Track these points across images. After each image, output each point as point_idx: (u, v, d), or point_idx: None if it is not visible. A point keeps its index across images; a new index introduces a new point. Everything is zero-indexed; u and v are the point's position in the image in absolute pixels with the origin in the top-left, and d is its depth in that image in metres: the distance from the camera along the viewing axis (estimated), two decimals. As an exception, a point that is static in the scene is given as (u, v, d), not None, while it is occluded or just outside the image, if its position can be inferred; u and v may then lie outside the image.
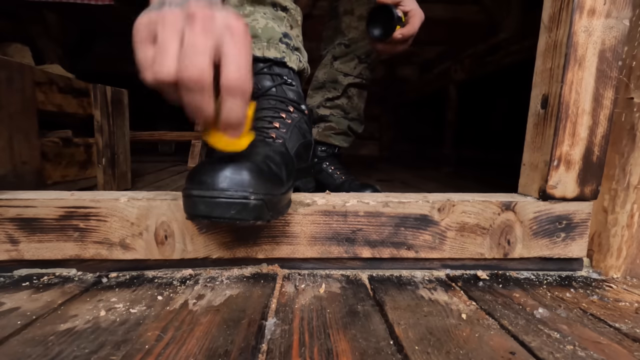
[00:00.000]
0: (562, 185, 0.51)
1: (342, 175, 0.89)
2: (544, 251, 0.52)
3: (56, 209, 0.48)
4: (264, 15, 0.51)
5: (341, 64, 0.90)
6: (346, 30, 0.88)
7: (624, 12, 0.47)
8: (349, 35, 0.88)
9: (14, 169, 0.65)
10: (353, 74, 0.90)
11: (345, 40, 0.88)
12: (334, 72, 0.91)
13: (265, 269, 0.52)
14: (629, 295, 0.47)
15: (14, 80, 0.66)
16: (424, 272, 0.53)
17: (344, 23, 0.87)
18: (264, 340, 0.34)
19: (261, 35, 0.51)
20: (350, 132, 0.98)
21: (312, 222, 0.51)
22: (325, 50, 0.95)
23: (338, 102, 0.94)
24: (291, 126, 0.52)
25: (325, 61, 0.93)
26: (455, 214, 0.51)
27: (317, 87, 0.95)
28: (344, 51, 0.89)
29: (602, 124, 0.50)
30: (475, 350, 0.33)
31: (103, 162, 0.91)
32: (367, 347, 0.33)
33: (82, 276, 0.49)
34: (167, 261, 0.51)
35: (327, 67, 0.92)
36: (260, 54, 0.51)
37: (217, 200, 0.34)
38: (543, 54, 0.53)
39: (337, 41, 0.90)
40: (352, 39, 0.88)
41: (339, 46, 0.89)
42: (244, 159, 0.38)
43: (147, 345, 0.33)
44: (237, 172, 0.35)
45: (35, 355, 0.31)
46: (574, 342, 0.35)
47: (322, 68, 0.94)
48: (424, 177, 1.50)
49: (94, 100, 0.88)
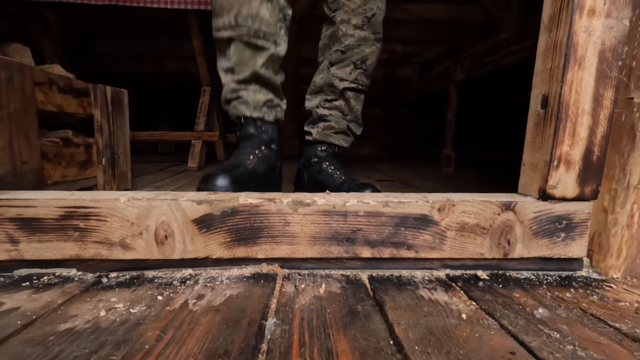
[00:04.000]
0: (562, 185, 0.51)
1: (342, 175, 0.90)
2: (544, 251, 0.52)
3: (56, 209, 0.48)
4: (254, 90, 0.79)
5: (337, 70, 0.92)
6: (342, 37, 0.90)
7: (624, 12, 0.47)
8: (345, 42, 0.90)
9: (14, 169, 0.65)
10: (349, 79, 0.92)
11: (342, 47, 0.91)
12: (331, 77, 0.93)
13: (265, 269, 0.52)
14: (629, 295, 0.47)
15: (14, 80, 0.66)
16: (424, 272, 0.53)
17: (340, 31, 0.90)
18: (264, 340, 0.34)
19: (250, 102, 0.79)
20: (350, 132, 0.99)
21: (312, 222, 0.51)
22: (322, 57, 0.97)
23: (336, 104, 0.96)
24: (262, 158, 0.79)
25: (322, 67, 0.96)
26: (455, 214, 0.51)
27: (315, 92, 0.98)
28: (340, 57, 0.91)
29: (602, 124, 0.50)
30: (475, 350, 0.33)
31: (103, 162, 0.91)
32: (367, 347, 0.33)
33: (82, 276, 0.49)
34: (167, 261, 0.51)
35: (324, 73, 0.95)
36: (249, 114, 0.80)
37: None
38: (543, 54, 0.53)
39: (334, 48, 0.92)
40: (347, 46, 0.90)
41: (335, 53, 0.92)
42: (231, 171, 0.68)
43: (147, 345, 0.33)
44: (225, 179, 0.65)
45: (35, 355, 0.31)
46: (574, 342, 0.35)
47: (319, 73, 0.96)
48: (424, 177, 1.50)
49: (94, 100, 0.88)
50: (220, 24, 0.74)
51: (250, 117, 0.79)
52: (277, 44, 0.77)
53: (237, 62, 0.75)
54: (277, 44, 0.77)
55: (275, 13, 0.75)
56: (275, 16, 0.75)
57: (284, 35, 0.79)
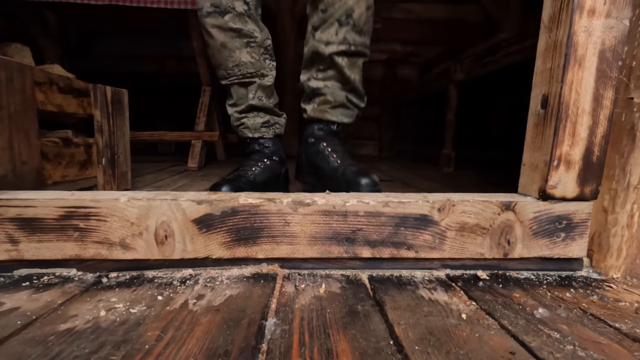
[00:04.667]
0: (562, 185, 0.51)
1: (338, 158, 0.83)
2: (544, 251, 0.52)
3: (56, 209, 0.48)
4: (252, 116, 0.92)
5: (321, 33, 0.81)
6: None
7: (624, 12, 0.47)
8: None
9: (14, 169, 0.65)
10: (335, 41, 0.80)
11: (322, 6, 0.80)
12: (316, 44, 0.82)
13: (265, 269, 0.52)
14: (629, 295, 0.47)
15: (14, 80, 0.66)
16: (424, 272, 0.53)
17: None
18: (264, 340, 0.34)
19: (250, 126, 0.92)
20: (351, 105, 0.88)
21: (312, 222, 0.51)
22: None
23: (330, 73, 0.85)
24: (264, 168, 0.89)
25: (307, 35, 0.86)
26: (455, 214, 0.51)
27: (306, 65, 0.89)
28: (322, 18, 0.80)
29: (602, 124, 0.50)
30: (475, 350, 0.33)
31: (103, 162, 0.91)
32: (367, 347, 0.33)
33: (82, 276, 0.49)
34: (167, 261, 0.51)
35: (309, 41, 0.85)
36: (251, 135, 0.93)
37: None
38: (543, 54, 0.53)
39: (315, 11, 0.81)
40: (327, 3, 0.79)
41: (316, 15, 0.81)
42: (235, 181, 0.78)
43: (147, 345, 0.33)
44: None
45: (35, 355, 0.31)
46: (574, 342, 0.35)
47: (306, 44, 0.86)
48: (423, 177, 1.50)
49: (94, 100, 0.88)
50: (219, 75, 0.91)
51: (252, 137, 0.93)
52: (264, 75, 0.88)
53: (237, 99, 0.90)
54: (265, 75, 0.88)
55: (257, 52, 0.85)
56: (257, 54, 0.85)
57: (270, 63, 0.89)
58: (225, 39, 0.83)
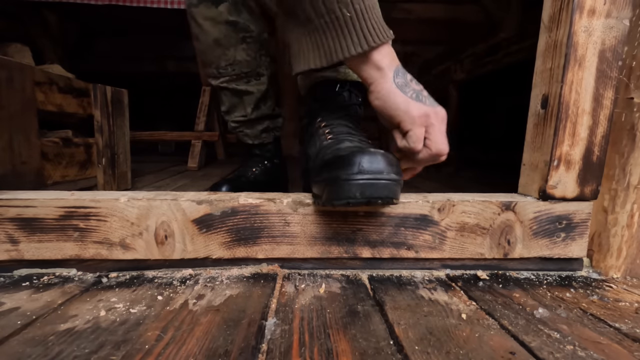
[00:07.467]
0: (562, 185, 0.51)
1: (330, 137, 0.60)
2: (544, 251, 0.52)
3: (56, 209, 0.48)
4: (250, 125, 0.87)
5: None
6: None
7: (624, 12, 0.47)
8: None
9: (14, 169, 0.65)
10: None
11: None
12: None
13: (265, 269, 0.52)
14: (629, 295, 0.47)
15: (14, 80, 0.66)
16: (424, 272, 0.53)
17: None
18: (264, 340, 0.34)
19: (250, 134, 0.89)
20: None
21: (312, 222, 0.51)
22: None
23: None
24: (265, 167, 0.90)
25: None
26: (455, 214, 0.51)
27: None
28: None
29: (602, 124, 0.50)
30: (475, 350, 0.33)
31: (103, 162, 0.91)
32: (367, 347, 0.33)
33: (82, 276, 0.49)
34: (167, 261, 0.51)
35: None
36: (251, 142, 0.90)
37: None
38: (543, 54, 0.53)
39: None
40: None
41: None
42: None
43: (147, 345, 0.33)
44: None
45: (35, 355, 0.31)
46: (574, 342, 0.35)
47: None
48: (423, 177, 1.50)
49: (94, 100, 0.88)
50: (207, 73, 0.82)
51: (252, 144, 0.92)
52: (260, 74, 0.82)
53: (230, 107, 0.85)
54: (260, 75, 0.82)
55: (253, 48, 0.78)
56: (253, 52, 0.78)
57: (266, 60, 0.83)
58: (219, 34, 0.73)
